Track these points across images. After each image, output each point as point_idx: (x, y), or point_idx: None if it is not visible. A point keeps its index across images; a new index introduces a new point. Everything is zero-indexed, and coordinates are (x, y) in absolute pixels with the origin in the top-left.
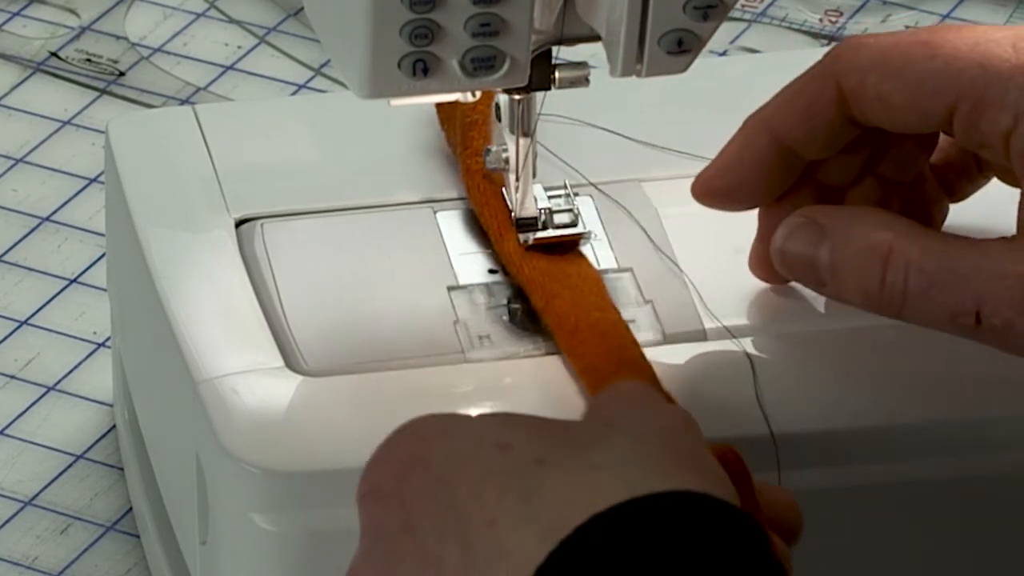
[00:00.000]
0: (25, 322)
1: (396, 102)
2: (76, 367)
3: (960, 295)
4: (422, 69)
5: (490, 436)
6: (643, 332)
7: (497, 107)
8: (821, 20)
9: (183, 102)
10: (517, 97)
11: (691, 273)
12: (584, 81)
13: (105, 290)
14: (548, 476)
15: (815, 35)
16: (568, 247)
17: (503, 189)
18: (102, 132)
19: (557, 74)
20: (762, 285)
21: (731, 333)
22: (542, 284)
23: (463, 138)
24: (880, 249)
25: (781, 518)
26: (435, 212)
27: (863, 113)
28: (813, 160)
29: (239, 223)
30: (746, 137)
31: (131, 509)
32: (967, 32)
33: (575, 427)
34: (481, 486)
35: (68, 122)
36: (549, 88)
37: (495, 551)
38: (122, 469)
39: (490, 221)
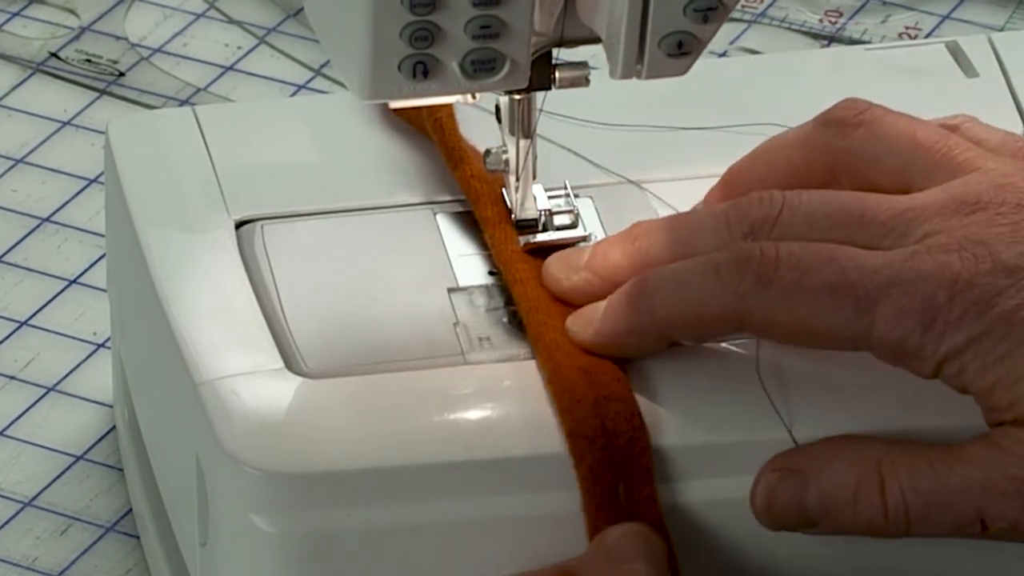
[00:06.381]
0: (25, 322)
1: (396, 104)
2: (76, 367)
3: (961, 509)
4: (422, 71)
5: None
6: None
7: (497, 108)
8: (821, 20)
9: (183, 103)
10: (517, 97)
11: None
12: (584, 81)
13: (105, 290)
14: None
15: (815, 35)
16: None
17: (503, 191)
18: (102, 132)
19: (557, 74)
20: None
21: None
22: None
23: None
24: (873, 481)
25: None
26: (435, 214)
27: None
28: None
29: (239, 224)
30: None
31: (131, 510)
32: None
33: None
34: None
35: (68, 122)
36: (549, 88)
37: None
38: (122, 470)
39: (486, 225)
